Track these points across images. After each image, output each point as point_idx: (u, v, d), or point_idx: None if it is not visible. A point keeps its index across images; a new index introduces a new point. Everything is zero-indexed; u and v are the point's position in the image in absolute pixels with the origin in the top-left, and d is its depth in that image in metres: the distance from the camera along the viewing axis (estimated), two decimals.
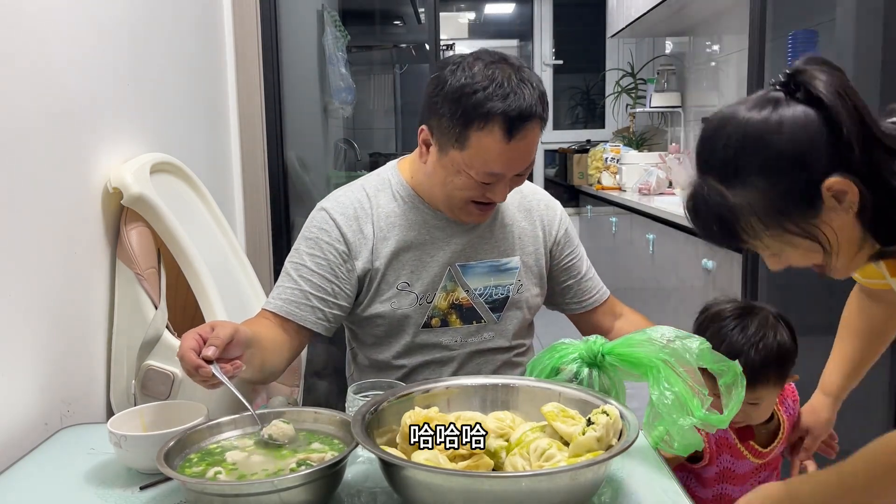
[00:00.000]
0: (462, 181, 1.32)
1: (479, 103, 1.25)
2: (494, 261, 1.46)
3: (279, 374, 1.37)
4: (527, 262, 1.49)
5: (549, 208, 1.56)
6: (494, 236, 1.47)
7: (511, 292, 1.47)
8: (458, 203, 1.36)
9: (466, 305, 1.44)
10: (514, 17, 6.39)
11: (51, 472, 1.11)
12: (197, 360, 1.04)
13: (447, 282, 1.43)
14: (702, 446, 1.12)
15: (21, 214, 1.24)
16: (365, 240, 1.40)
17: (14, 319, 1.22)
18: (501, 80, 1.26)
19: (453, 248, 1.43)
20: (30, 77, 1.28)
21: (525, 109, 1.25)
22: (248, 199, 2.49)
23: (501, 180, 1.32)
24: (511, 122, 1.25)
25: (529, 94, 1.26)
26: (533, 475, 0.91)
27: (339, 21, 3.27)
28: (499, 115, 1.24)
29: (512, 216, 1.50)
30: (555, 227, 1.54)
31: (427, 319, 1.42)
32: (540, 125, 1.30)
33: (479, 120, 1.25)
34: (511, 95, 1.25)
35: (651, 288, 3.93)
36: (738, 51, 3.86)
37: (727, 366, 1.10)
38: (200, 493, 0.91)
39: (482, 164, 1.28)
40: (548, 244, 1.53)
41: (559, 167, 5.98)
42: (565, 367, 1.18)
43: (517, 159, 1.30)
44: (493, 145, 1.26)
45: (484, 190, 1.33)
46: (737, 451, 1.41)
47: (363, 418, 0.99)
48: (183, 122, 2.00)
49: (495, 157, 1.27)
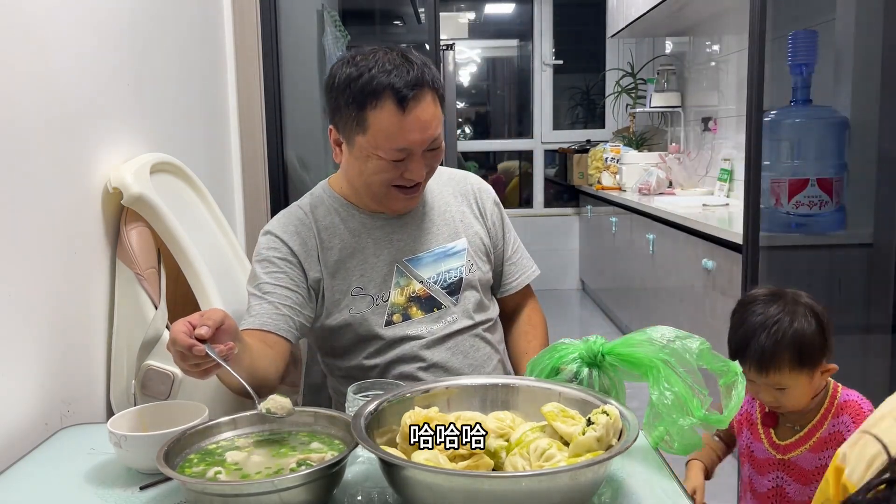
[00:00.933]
0: (374, 165, 1.36)
1: (367, 83, 1.31)
2: (440, 247, 1.50)
3: (270, 386, 1.33)
4: (473, 241, 1.53)
5: (483, 191, 1.60)
6: (435, 224, 1.51)
7: (463, 273, 1.50)
8: (381, 190, 1.40)
9: (424, 295, 1.47)
10: (514, 17, 6.39)
11: (51, 472, 1.11)
12: (189, 340, 1.03)
13: (398, 278, 1.46)
14: (701, 447, 1.12)
15: (21, 214, 1.24)
16: (310, 252, 1.45)
17: (14, 319, 1.22)
18: (383, 60, 1.32)
19: (396, 245, 1.47)
20: (30, 77, 1.28)
21: (411, 80, 1.31)
22: (248, 199, 2.49)
23: (412, 157, 1.35)
24: (399, 94, 1.30)
25: (416, 68, 1.33)
26: (533, 475, 0.91)
27: (339, 21, 3.27)
28: (387, 88, 1.30)
29: (447, 202, 1.55)
30: (488, 209, 1.58)
31: (388, 318, 1.45)
32: (433, 95, 1.35)
33: (371, 98, 1.31)
34: (394, 70, 1.31)
35: (651, 288, 3.93)
36: (738, 51, 3.86)
37: (727, 366, 1.10)
38: (200, 493, 0.91)
39: (385, 140, 1.32)
40: (486, 225, 1.57)
41: (559, 167, 5.98)
42: (565, 367, 1.18)
43: (417, 130, 1.33)
44: (389, 119, 1.31)
45: (400, 170, 1.36)
46: (755, 432, 1.42)
47: (363, 418, 0.99)
48: (183, 122, 2.00)
49: (396, 131, 1.31)
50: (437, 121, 1.36)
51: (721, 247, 2.83)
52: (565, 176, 5.72)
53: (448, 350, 1.46)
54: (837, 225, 2.47)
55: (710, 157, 4.28)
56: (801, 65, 2.44)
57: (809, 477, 1.47)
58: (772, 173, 2.49)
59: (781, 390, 1.36)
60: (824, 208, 2.45)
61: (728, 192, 3.91)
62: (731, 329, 1.47)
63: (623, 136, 5.38)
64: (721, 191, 3.95)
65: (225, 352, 1.06)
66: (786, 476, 1.49)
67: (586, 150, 5.46)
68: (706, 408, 1.05)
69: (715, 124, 4.22)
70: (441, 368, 1.45)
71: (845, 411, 1.44)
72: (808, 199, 2.44)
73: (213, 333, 1.06)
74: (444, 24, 6.02)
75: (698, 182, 4.42)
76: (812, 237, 2.47)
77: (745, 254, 2.31)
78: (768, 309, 1.41)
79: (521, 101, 6.42)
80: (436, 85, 1.36)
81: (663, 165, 4.62)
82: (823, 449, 1.45)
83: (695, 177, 4.48)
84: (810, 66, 2.44)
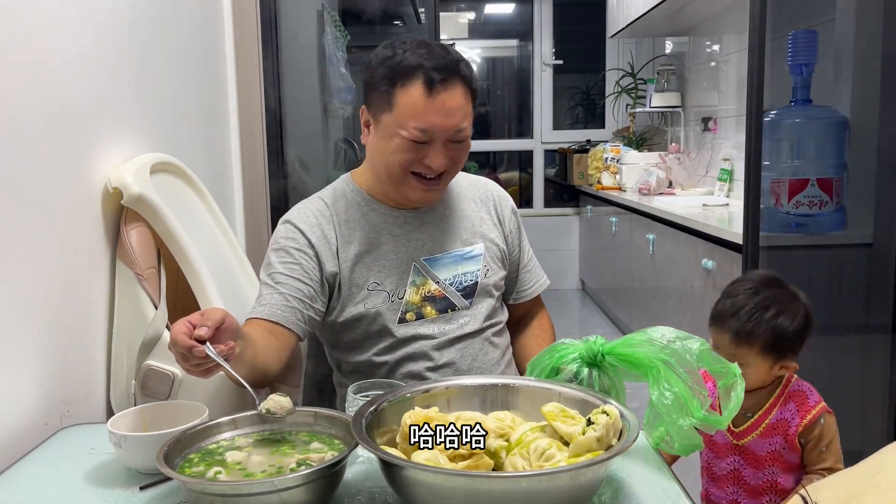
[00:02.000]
0: (395, 144, 1.36)
1: (400, 61, 1.35)
2: (458, 250, 1.51)
3: (273, 377, 1.37)
4: (490, 246, 1.54)
5: (502, 198, 1.62)
6: (455, 227, 1.52)
7: (479, 277, 1.51)
8: (399, 174, 1.40)
9: (439, 296, 1.48)
10: (514, 17, 6.39)
11: (51, 473, 1.11)
12: (189, 341, 1.03)
13: (415, 276, 1.47)
14: (702, 447, 1.12)
15: (21, 214, 1.24)
16: (329, 244, 1.45)
17: (14, 319, 1.22)
18: (421, 44, 1.37)
19: (415, 243, 1.48)
20: (30, 77, 1.28)
21: (444, 65, 1.34)
22: (248, 199, 2.49)
23: (433, 143, 1.36)
24: (430, 77, 1.33)
25: (451, 57, 1.36)
26: (533, 475, 0.91)
27: (339, 21, 3.27)
28: (418, 69, 1.33)
29: (467, 206, 1.56)
30: (506, 216, 1.60)
31: (401, 315, 1.45)
32: (464, 88, 1.37)
33: (401, 77, 1.34)
34: (429, 54, 1.35)
35: (651, 288, 3.93)
36: (738, 51, 3.86)
37: (726, 368, 1.10)
38: (200, 493, 0.91)
39: (407, 118, 1.34)
40: (504, 232, 1.59)
41: (559, 167, 5.98)
42: (565, 367, 1.18)
43: (441, 116, 1.34)
44: (415, 100, 1.33)
45: (420, 155, 1.37)
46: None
47: (363, 418, 0.99)
48: (183, 122, 2.00)
49: (420, 112, 1.33)
50: (463, 113, 1.37)
51: (721, 247, 2.83)
52: (565, 176, 5.72)
53: (458, 352, 1.47)
54: (837, 225, 2.47)
55: (710, 157, 4.28)
56: (801, 65, 2.44)
57: (762, 461, 1.56)
58: (772, 173, 2.49)
59: (742, 366, 1.41)
60: (824, 208, 2.45)
61: (728, 192, 3.91)
62: (723, 295, 1.58)
63: (623, 136, 5.38)
64: (721, 191, 3.95)
65: (225, 352, 1.06)
66: (741, 460, 1.59)
67: (586, 150, 5.46)
68: (706, 408, 1.05)
69: (715, 124, 4.22)
70: (449, 369, 1.45)
71: (792, 399, 1.55)
72: (808, 199, 2.44)
73: (214, 333, 1.06)
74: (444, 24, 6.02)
75: (698, 182, 4.42)
76: (812, 237, 2.48)
77: (745, 254, 2.32)
78: (759, 292, 1.52)
79: (521, 101, 6.42)
80: (469, 80, 1.38)
81: (663, 165, 4.62)
82: (772, 435, 1.55)
83: (695, 177, 4.48)
84: (810, 66, 2.44)
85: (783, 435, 1.53)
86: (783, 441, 1.53)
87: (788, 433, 1.53)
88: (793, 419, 1.53)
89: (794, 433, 1.52)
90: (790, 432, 1.53)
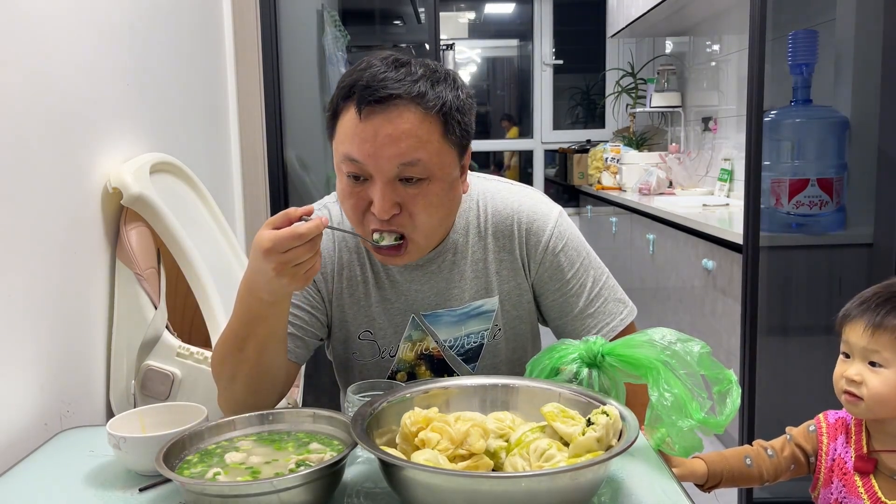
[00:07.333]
0: (341, 182, 1.14)
1: (343, 80, 1.12)
2: (466, 305, 1.27)
3: (271, 406, 1.23)
4: (507, 299, 1.29)
5: (533, 233, 1.26)
6: (465, 277, 1.27)
7: (486, 338, 1.29)
8: (355, 221, 1.16)
9: (437, 357, 1.30)
10: (514, 17, 6.39)
11: (50, 474, 1.11)
12: (298, 213, 0.99)
13: (412, 330, 1.28)
14: (702, 448, 1.11)
15: (21, 214, 1.24)
16: (326, 275, 1.28)
17: (14, 319, 1.22)
18: (372, 60, 1.11)
19: (415, 295, 1.27)
20: (30, 77, 1.28)
21: (380, 81, 1.06)
22: (248, 199, 2.49)
23: (373, 183, 1.10)
24: (361, 96, 1.07)
25: (402, 74, 1.08)
26: (533, 475, 0.91)
27: (339, 21, 3.27)
28: (353, 86, 1.08)
29: (484, 248, 1.27)
30: (537, 256, 1.27)
31: (391, 374, 1.30)
32: (418, 112, 1.07)
33: (342, 99, 1.10)
34: (369, 70, 1.09)
35: (651, 288, 3.93)
36: (738, 51, 3.86)
37: (722, 373, 1.09)
38: (200, 493, 0.91)
39: (339, 143, 1.11)
40: (530, 277, 1.29)
41: (559, 167, 5.98)
42: (565, 367, 1.17)
43: (371, 142, 1.07)
44: (347, 123, 1.09)
45: (365, 197, 1.12)
46: (850, 482, 1.20)
47: (363, 418, 0.99)
48: (183, 122, 2.00)
49: (348, 136, 1.09)
50: (413, 142, 1.07)
51: (721, 247, 2.83)
52: (565, 176, 5.72)
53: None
54: (837, 225, 2.47)
55: (711, 157, 4.28)
56: (801, 65, 2.44)
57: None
58: (772, 173, 2.49)
59: (873, 367, 1.18)
60: (824, 208, 2.45)
61: (728, 192, 3.91)
62: (858, 297, 1.26)
63: (623, 136, 5.38)
64: (721, 191, 3.95)
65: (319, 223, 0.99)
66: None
67: (586, 150, 5.46)
68: (705, 411, 1.05)
69: (715, 124, 4.22)
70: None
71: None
72: (809, 199, 2.45)
73: None
74: (444, 24, 6.02)
75: (698, 182, 4.42)
76: (812, 237, 2.48)
77: (745, 254, 2.31)
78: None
79: (521, 101, 6.42)
80: (422, 99, 1.08)
81: (663, 165, 4.62)
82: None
83: (695, 177, 4.48)
84: (810, 66, 2.44)
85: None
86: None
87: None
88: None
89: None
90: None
